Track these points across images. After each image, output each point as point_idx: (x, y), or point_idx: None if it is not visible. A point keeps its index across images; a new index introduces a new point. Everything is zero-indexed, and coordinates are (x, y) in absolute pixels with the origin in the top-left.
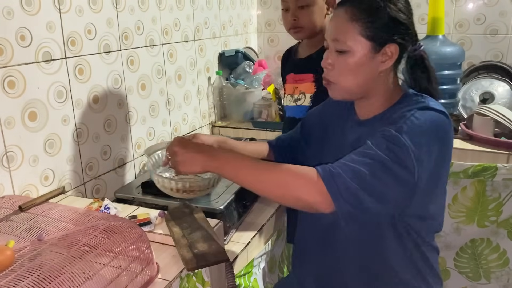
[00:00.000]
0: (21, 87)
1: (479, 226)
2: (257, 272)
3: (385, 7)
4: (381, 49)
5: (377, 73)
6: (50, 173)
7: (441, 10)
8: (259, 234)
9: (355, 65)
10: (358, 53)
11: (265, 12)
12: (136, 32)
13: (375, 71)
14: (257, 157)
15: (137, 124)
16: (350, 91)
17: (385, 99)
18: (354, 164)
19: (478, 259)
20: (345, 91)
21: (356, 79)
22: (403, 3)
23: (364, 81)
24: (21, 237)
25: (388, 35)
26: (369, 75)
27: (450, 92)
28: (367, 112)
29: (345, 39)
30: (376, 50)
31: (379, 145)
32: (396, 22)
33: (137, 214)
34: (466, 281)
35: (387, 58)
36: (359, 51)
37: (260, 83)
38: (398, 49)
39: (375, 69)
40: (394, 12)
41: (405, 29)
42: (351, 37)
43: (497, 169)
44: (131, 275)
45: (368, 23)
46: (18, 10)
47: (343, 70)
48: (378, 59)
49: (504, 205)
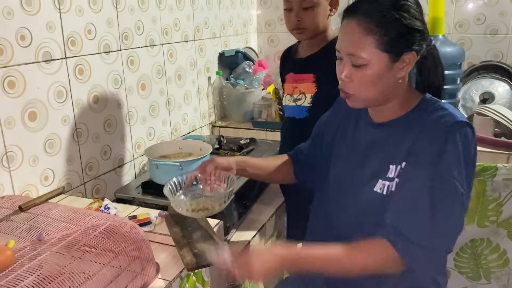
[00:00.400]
0: (21, 87)
1: (479, 226)
2: None
3: (398, 17)
4: (398, 59)
5: (397, 80)
6: (50, 173)
7: (441, 10)
8: (259, 234)
9: (375, 77)
10: (376, 66)
11: (265, 12)
12: (136, 32)
13: (394, 79)
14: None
15: (137, 124)
16: (372, 100)
17: (402, 102)
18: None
19: (478, 259)
20: (367, 101)
21: (377, 89)
22: (415, 8)
23: (385, 90)
24: (21, 237)
25: (404, 44)
26: (390, 84)
27: (450, 92)
28: (383, 115)
29: (361, 53)
30: (394, 60)
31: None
32: (410, 30)
33: (137, 214)
34: (466, 281)
35: (405, 65)
36: (376, 63)
37: (260, 83)
38: (416, 55)
39: (395, 77)
40: (407, 21)
41: (421, 35)
42: (368, 51)
43: (497, 169)
44: (131, 275)
45: (383, 36)
46: (18, 10)
47: (363, 83)
48: (397, 67)
49: (504, 205)
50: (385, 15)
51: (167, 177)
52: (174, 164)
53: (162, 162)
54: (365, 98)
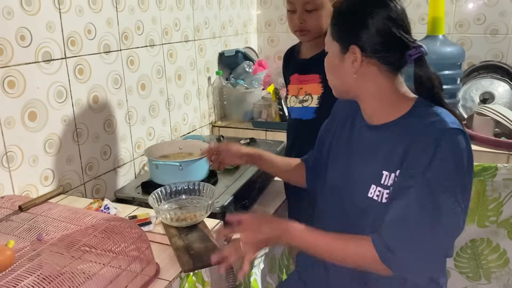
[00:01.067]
0: (21, 87)
1: (479, 226)
2: (257, 272)
3: (356, 12)
4: (347, 51)
5: (353, 73)
6: (50, 173)
7: (441, 10)
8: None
9: (331, 65)
10: (331, 54)
11: (265, 12)
12: (136, 32)
13: (349, 71)
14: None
15: (137, 124)
16: (337, 90)
17: (393, 105)
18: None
19: (478, 259)
20: (333, 88)
21: (335, 79)
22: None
23: (343, 81)
24: (21, 237)
25: (351, 36)
26: (347, 76)
27: (450, 92)
28: (375, 117)
29: (326, 41)
30: (343, 51)
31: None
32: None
33: (137, 214)
34: (466, 281)
35: (354, 60)
36: (331, 51)
37: (260, 83)
38: (359, 50)
39: (349, 70)
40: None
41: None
42: (327, 38)
43: (497, 169)
44: (131, 275)
45: (336, 25)
46: (18, 10)
47: (326, 70)
48: (349, 60)
49: (504, 205)
50: (345, 7)
51: (167, 177)
52: (174, 164)
53: (162, 162)
54: (331, 86)
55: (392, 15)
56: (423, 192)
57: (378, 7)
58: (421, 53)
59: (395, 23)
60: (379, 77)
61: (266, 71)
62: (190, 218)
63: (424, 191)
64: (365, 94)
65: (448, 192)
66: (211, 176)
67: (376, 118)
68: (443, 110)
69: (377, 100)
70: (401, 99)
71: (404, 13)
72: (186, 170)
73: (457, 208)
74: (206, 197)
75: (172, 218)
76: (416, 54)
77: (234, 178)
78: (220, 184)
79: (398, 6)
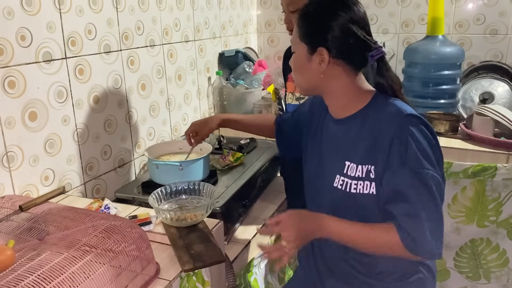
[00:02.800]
0: (22, 87)
1: (478, 226)
2: (257, 272)
3: (322, 15)
4: (314, 52)
5: (320, 73)
6: (50, 173)
7: (441, 10)
8: (259, 234)
9: (298, 65)
10: (297, 54)
11: (265, 12)
12: (136, 32)
13: (317, 71)
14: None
15: (137, 124)
16: (303, 88)
17: (354, 100)
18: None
19: (477, 259)
20: (299, 87)
21: (302, 78)
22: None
23: (309, 79)
24: (21, 237)
25: (318, 39)
26: (313, 75)
27: (450, 92)
28: (339, 112)
29: (292, 41)
30: (310, 52)
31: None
32: (330, 28)
33: (137, 214)
34: (466, 281)
35: (322, 61)
36: (297, 52)
37: (260, 83)
38: (327, 53)
39: (317, 70)
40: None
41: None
42: (294, 39)
43: (497, 169)
44: (131, 275)
45: (302, 27)
46: (18, 10)
47: (293, 69)
48: (316, 61)
49: (504, 205)
50: (310, 10)
51: (167, 177)
52: (174, 164)
53: (162, 162)
54: (297, 84)
55: (355, 18)
56: (413, 182)
57: (342, 10)
58: (382, 54)
59: (358, 25)
60: (343, 76)
61: (266, 71)
62: (190, 218)
63: (414, 179)
64: (330, 92)
65: (428, 168)
66: (211, 176)
67: (340, 113)
68: (399, 101)
69: (341, 96)
70: (361, 93)
71: (366, 16)
72: (186, 170)
73: (438, 177)
74: (206, 197)
75: (172, 218)
76: (378, 54)
77: (234, 178)
78: (220, 184)
79: (361, 10)
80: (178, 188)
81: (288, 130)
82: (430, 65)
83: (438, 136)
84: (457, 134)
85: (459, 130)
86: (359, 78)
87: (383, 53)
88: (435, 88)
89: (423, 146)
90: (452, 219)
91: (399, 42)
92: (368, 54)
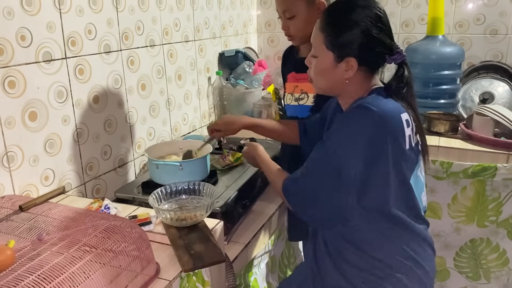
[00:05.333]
0: (22, 87)
1: (478, 226)
2: (257, 272)
3: (350, 25)
4: (341, 61)
5: (344, 79)
6: (50, 173)
7: (441, 10)
8: (259, 234)
9: (322, 70)
10: (323, 60)
11: (265, 12)
12: (136, 32)
13: (341, 77)
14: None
15: (137, 124)
16: (322, 90)
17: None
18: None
19: (477, 259)
20: (318, 89)
21: (325, 81)
22: (374, 18)
23: (332, 84)
24: (21, 237)
25: (347, 49)
26: (337, 80)
27: (450, 92)
28: (346, 107)
29: (315, 45)
30: (337, 60)
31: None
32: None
33: (137, 214)
34: (466, 281)
35: (349, 68)
36: (323, 58)
37: (260, 83)
38: (356, 62)
39: (341, 76)
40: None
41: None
42: (318, 45)
43: (497, 169)
44: (131, 275)
45: (329, 36)
46: (18, 10)
47: (315, 72)
48: (342, 67)
49: (504, 205)
50: (338, 18)
51: (167, 177)
52: (174, 164)
53: (162, 162)
54: (316, 86)
55: (382, 26)
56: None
57: (371, 21)
58: (404, 58)
59: (385, 33)
60: (364, 79)
61: (266, 71)
62: (190, 218)
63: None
64: (348, 92)
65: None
66: (211, 176)
67: (345, 107)
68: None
69: (354, 96)
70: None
71: (388, 21)
72: (186, 170)
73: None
74: (206, 197)
75: (172, 218)
76: (400, 58)
77: (234, 178)
78: (220, 184)
79: (386, 16)
80: (178, 188)
81: (314, 130)
82: (430, 65)
83: (439, 136)
84: (457, 134)
85: (459, 130)
86: (374, 78)
87: (404, 57)
88: (435, 88)
89: (346, 130)
90: (452, 219)
91: (399, 42)
92: (389, 58)
